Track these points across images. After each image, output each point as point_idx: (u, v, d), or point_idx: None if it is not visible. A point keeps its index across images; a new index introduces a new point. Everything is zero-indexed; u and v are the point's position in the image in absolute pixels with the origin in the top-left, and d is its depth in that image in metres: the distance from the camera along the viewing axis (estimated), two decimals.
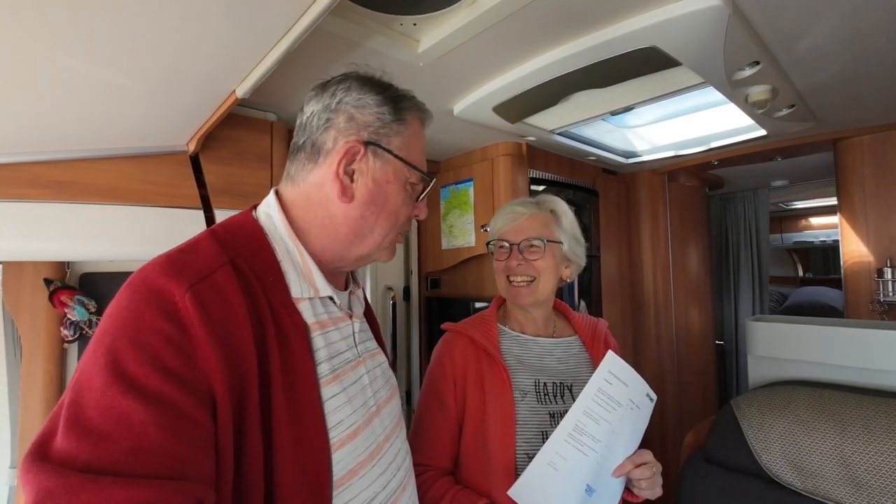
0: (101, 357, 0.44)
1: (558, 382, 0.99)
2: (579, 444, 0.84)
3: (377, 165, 0.63)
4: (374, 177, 0.63)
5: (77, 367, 0.47)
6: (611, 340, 1.10)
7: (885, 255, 1.77)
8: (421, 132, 0.69)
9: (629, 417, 0.88)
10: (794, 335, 1.22)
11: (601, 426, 0.86)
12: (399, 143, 0.65)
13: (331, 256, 0.66)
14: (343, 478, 0.57)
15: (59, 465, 0.39)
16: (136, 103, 0.92)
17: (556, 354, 1.04)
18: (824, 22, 0.99)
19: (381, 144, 0.63)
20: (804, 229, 4.48)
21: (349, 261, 0.67)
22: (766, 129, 1.72)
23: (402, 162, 0.64)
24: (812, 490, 1.00)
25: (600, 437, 0.85)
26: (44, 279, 1.26)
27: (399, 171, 0.65)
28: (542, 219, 1.05)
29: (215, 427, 0.47)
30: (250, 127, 1.37)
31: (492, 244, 1.09)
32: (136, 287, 0.49)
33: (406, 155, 0.65)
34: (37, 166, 1.06)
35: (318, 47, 1.03)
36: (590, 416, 0.86)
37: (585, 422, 0.85)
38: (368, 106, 0.63)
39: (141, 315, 0.47)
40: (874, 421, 0.96)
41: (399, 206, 0.65)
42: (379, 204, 0.64)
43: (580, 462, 0.83)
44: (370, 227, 0.64)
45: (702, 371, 2.64)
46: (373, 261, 0.69)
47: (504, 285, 1.06)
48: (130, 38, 0.68)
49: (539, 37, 1.07)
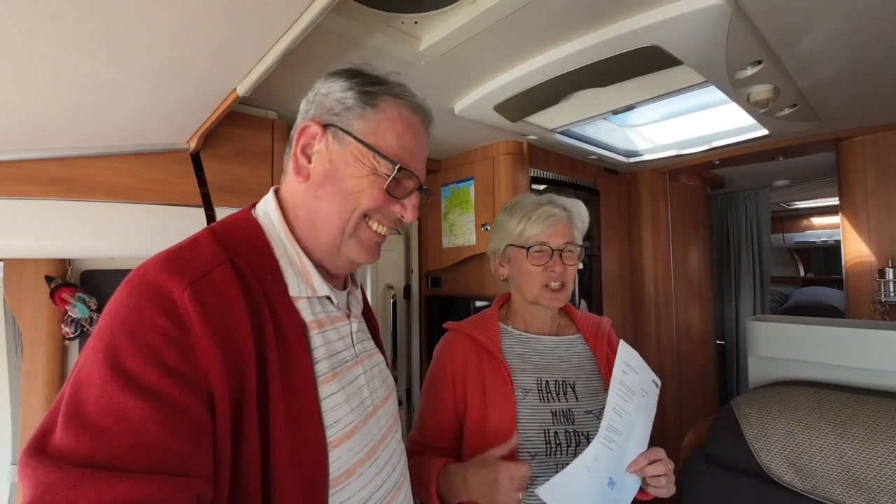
0: (101, 353, 0.44)
1: (560, 380, 0.99)
2: (609, 440, 0.83)
3: (336, 147, 0.63)
4: (332, 158, 0.63)
5: (76, 364, 0.47)
6: (613, 338, 1.10)
7: (887, 256, 1.76)
8: (401, 119, 0.64)
9: (642, 405, 0.87)
10: (795, 335, 1.22)
11: (623, 418, 0.84)
12: (363, 126, 0.62)
13: (319, 254, 0.65)
14: (340, 477, 0.57)
15: (58, 460, 0.39)
16: (136, 101, 0.92)
17: (559, 352, 1.04)
18: (827, 21, 0.99)
19: (339, 126, 0.62)
20: (806, 229, 4.48)
21: (327, 253, 0.65)
22: (767, 129, 1.71)
23: (365, 146, 0.62)
24: (811, 490, 1.00)
25: (622, 429, 0.84)
26: (45, 276, 1.26)
27: (362, 155, 0.62)
28: (570, 222, 1.05)
29: (213, 423, 0.47)
30: (251, 125, 1.37)
31: (530, 248, 1.01)
32: (135, 284, 0.49)
33: (373, 140, 0.62)
34: (38, 163, 1.06)
35: (319, 45, 1.03)
36: (616, 412, 0.84)
37: (614, 419, 0.84)
38: (333, 92, 0.64)
39: (140, 312, 0.47)
40: (875, 421, 0.96)
41: (359, 191, 0.62)
42: (333, 184, 0.62)
43: (609, 459, 0.83)
44: (325, 210, 0.62)
45: (702, 371, 2.64)
46: (353, 258, 0.66)
47: (538, 289, 1.01)
48: (130, 35, 0.68)
49: (540, 35, 1.07)
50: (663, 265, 2.50)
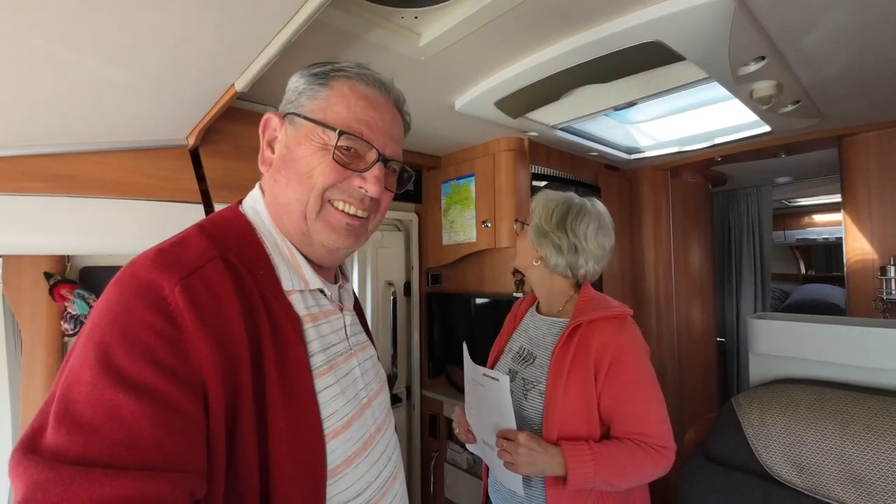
0: (91, 352, 0.44)
1: (528, 349, 1.15)
2: (470, 415, 1.14)
3: (291, 132, 0.63)
4: (287, 143, 0.63)
5: (65, 363, 0.46)
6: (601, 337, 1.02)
7: (889, 253, 1.75)
8: (353, 92, 0.63)
9: (484, 392, 1.06)
10: (796, 333, 1.22)
11: (472, 398, 1.11)
12: (313, 105, 0.62)
13: (296, 245, 0.65)
14: (338, 467, 0.58)
15: (50, 459, 0.39)
16: (134, 96, 0.91)
17: (543, 329, 1.16)
18: (831, 16, 0.98)
19: (292, 111, 0.64)
20: (807, 226, 4.46)
21: (299, 241, 0.64)
22: (770, 126, 1.70)
23: (313, 122, 0.61)
24: (812, 488, 0.99)
25: (472, 405, 1.12)
26: (44, 273, 1.26)
27: (311, 133, 0.61)
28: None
29: (207, 420, 0.47)
30: (250, 121, 1.37)
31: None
32: (125, 282, 0.49)
33: (322, 116, 0.61)
34: (36, 159, 1.06)
35: (318, 40, 1.02)
36: (469, 393, 1.13)
37: (469, 399, 1.13)
38: (292, 83, 0.66)
39: (131, 309, 0.46)
40: (876, 420, 0.96)
41: (312, 168, 0.61)
42: (287, 168, 0.62)
43: (476, 426, 1.12)
44: (285, 195, 0.62)
45: (703, 368, 2.63)
46: (325, 244, 0.64)
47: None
48: (128, 30, 0.68)
49: (542, 31, 1.06)
50: (664, 262, 2.49)
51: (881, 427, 0.94)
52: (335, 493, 0.57)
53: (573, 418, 0.99)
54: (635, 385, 0.98)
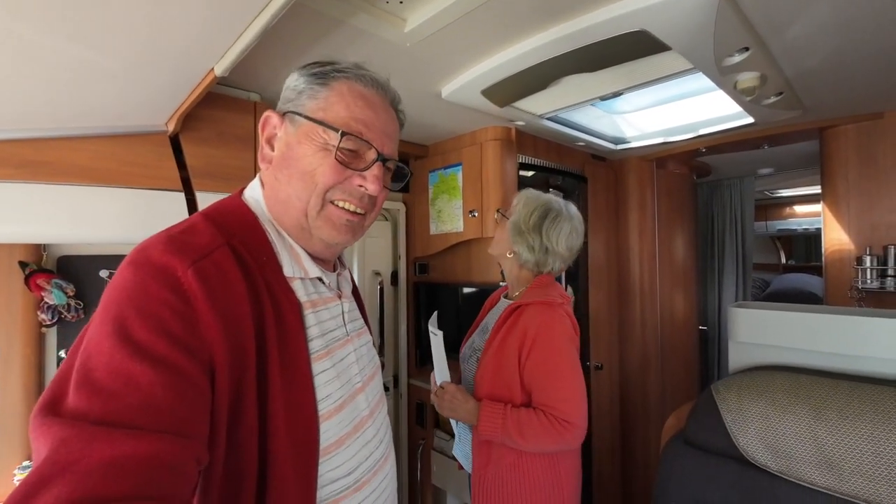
0: (109, 324, 0.47)
1: (488, 325, 1.32)
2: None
3: (291, 130, 0.65)
4: (288, 141, 0.65)
5: (82, 336, 0.49)
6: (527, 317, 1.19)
7: (865, 244, 1.80)
8: (352, 92, 0.65)
9: (433, 347, 1.27)
10: (774, 321, 1.24)
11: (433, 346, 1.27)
12: (313, 105, 0.64)
13: (294, 238, 0.67)
14: (329, 447, 0.62)
15: (72, 419, 0.42)
16: (109, 80, 0.88)
17: (501, 308, 1.31)
18: (814, 9, 0.98)
19: (293, 110, 0.65)
20: (788, 217, 4.54)
21: (299, 236, 0.67)
22: (753, 117, 1.72)
23: (313, 121, 0.63)
24: (785, 471, 1.03)
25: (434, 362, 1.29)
26: (19, 262, 1.22)
27: (312, 132, 0.63)
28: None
29: (212, 393, 0.50)
30: (232, 107, 1.34)
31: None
32: (139, 263, 0.51)
33: (322, 115, 0.63)
34: (8, 145, 1.02)
35: (300, 25, 1.00)
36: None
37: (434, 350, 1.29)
38: (291, 82, 0.67)
39: (146, 287, 0.49)
40: (848, 405, 0.99)
41: (313, 168, 0.63)
42: (289, 166, 0.64)
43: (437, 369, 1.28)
44: (286, 192, 0.64)
45: (685, 356, 2.69)
46: (325, 239, 0.66)
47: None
48: (102, 11, 0.65)
49: (529, 18, 1.05)
50: (649, 252, 2.52)
51: (853, 412, 0.97)
52: (327, 471, 0.61)
53: (497, 383, 1.18)
54: (548, 363, 1.14)
